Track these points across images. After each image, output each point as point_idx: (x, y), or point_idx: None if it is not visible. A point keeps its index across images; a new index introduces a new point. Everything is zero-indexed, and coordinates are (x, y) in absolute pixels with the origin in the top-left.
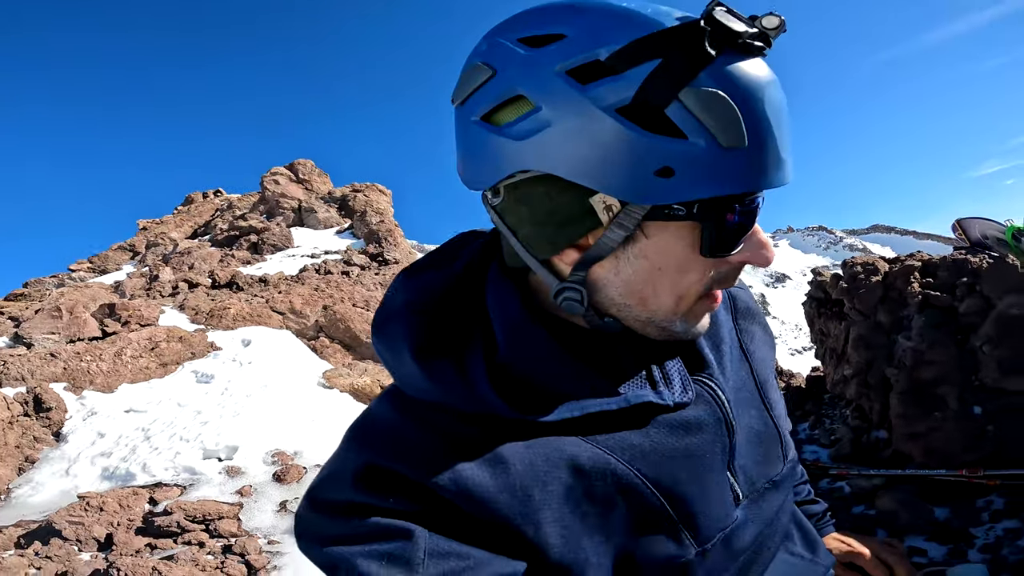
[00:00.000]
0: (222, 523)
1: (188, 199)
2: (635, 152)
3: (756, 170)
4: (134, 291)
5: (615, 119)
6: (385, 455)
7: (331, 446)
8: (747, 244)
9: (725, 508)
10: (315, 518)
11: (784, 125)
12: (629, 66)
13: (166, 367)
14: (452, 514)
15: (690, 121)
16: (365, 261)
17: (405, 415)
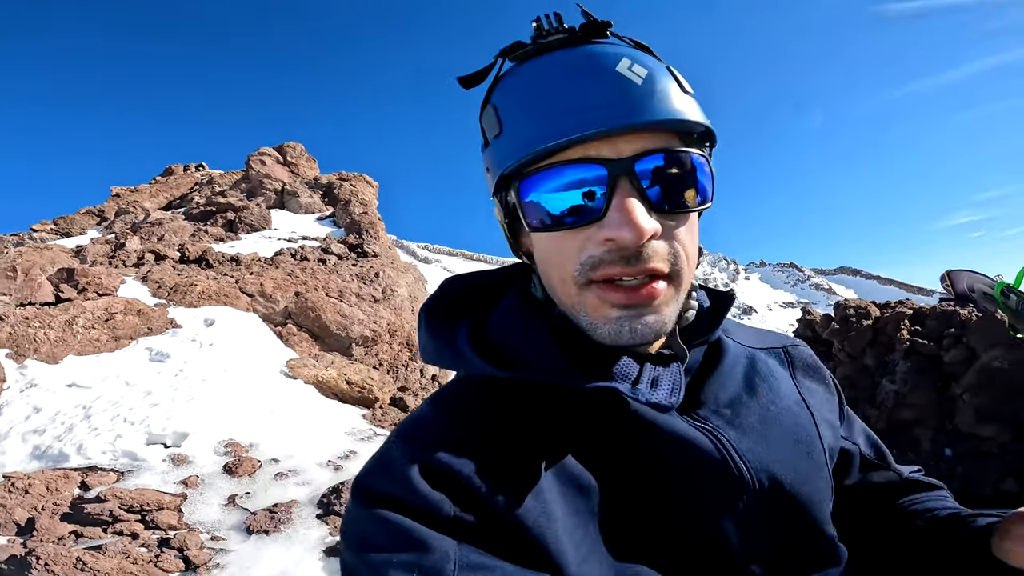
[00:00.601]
0: (161, 514)
1: (168, 170)
2: (483, 164)
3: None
4: (96, 258)
5: (481, 149)
6: (428, 454)
7: (291, 440)
8: (606, 218)
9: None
10: (361, 514)
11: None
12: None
13: (118, 341)
14: (485, 516)
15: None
16: (343, 251)
17: (449, 418)
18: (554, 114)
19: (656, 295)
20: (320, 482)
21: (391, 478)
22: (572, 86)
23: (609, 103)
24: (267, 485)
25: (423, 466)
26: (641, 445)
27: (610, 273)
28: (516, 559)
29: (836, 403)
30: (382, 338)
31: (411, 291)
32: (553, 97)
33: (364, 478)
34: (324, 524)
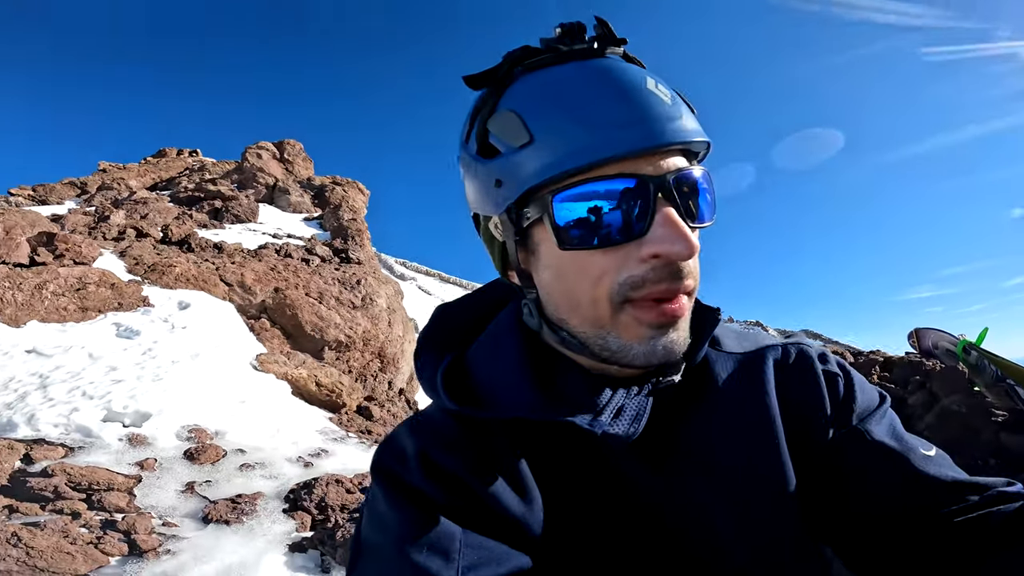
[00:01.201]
0: (110, 495)
1: (161, 152)
2: (482, 176)
3: (550, 157)
4: (76, 227)
5: (474, 159)
6: (435, 448)
7: (260, 432)
8: (649, 234)
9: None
10: (379, 494)
11: (578, 111)
12: (473, 122)
13: (86, 312)
14: (481, 509)
15: (498, 140)
16: (328, 254)
17: (453, 418)
18: (603, 124)
19: (683, 312)
20: (288, 476)
21: (404, 465)
22: (610, 99)
23: (650, 120)
24: (231, 475)
25: (431, 459)
26: (607, 478)
27: (655, 292)
28: (509, 543)
29: (831, 407)
30: (356, 345)
31: (390, 303)
32: (593, 108)
33: (384, 463)
34: (291, 519)
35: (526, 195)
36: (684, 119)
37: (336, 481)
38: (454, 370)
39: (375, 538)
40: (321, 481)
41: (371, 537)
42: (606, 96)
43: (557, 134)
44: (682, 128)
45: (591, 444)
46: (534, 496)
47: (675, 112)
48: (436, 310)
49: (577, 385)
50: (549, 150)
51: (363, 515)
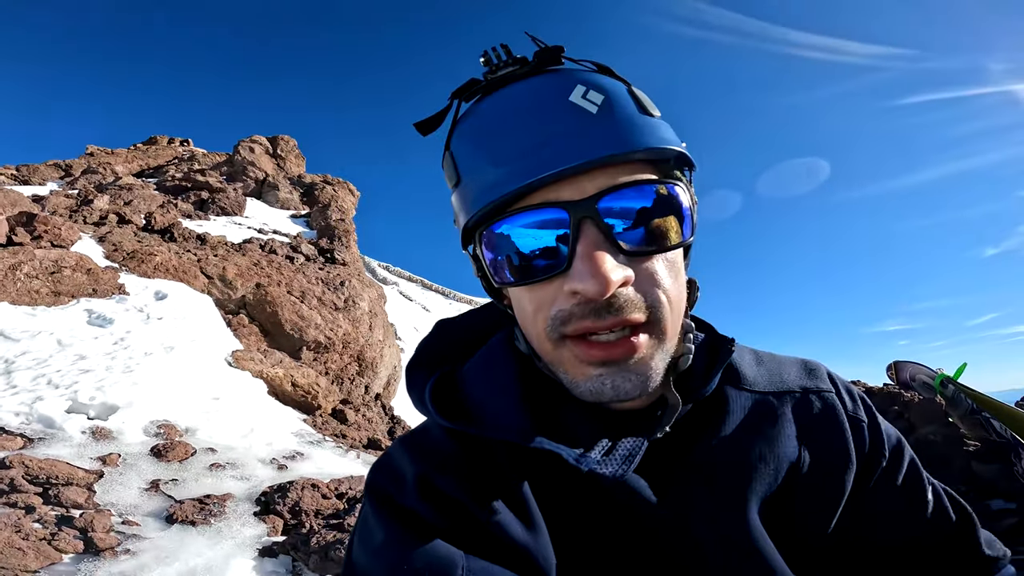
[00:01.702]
0: (68, 490)
1: (151, 139)
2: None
3: (471, 196)
4: (58, 209)
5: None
6: (435, 471)
7: (232, 431)
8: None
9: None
10: (376, 518)
11: (493, 145)
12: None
13: (58, 297)
14: (484, 535)
15: (446, 181)
16: (313, 253)
17: (452, 439)
18: (508, 158)
19: (636, 349)
20: (261, 478)
21: (402, 488)
22: (524, 124)
23: (563, 138)
24: (199, 475)
25: (431, 483)
26: (608, 508)
27: (581, 328)
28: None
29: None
30: (335, 347)
31: (372, 307)
32: (505, 139)
33: (378, 484)
34: (262, 522)
35: (469, 233)
36: (616, 128)
37: (312, 485)
38: (445, 387)
39: (368, 562)
40: (296, 485)
41: (363, 561)
42: (513, 125)
43: (475, 172)
44: (607, 139)
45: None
46: (538, 523)
47: (604, 121)
48: (435, 325)
49: (571, 415)
50: (471, 189)
51: (354, 537)
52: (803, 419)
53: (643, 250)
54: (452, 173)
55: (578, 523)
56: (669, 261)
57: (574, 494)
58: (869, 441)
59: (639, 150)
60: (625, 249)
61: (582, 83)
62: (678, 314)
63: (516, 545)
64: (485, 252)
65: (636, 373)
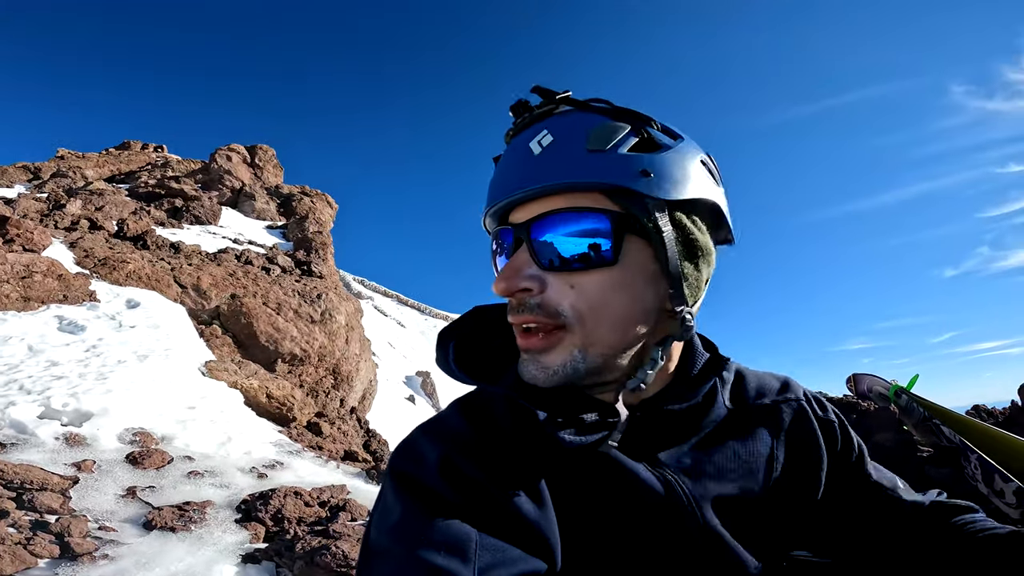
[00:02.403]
0: (43, 495)
1: (124, 144)
2: None
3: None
4: (28, 212)
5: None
6: (456, 452)
7: (210, 440)
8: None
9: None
10: (394, 498)
11: (493, 179)
12: None
13: (28, 303)
14: (498, 512)
15: None
16: (289, 265)
17: (470, 423)
18: (488, 194)
19: (535, 345)
20: (241, 486)
21: (423, 469)
22: (501, 167)
23: (509, 176)
24: (177, 482)
25: (448, 462)
26: (605, 479)
27: (509, 318)
28: (523, 547)
29: (821, 463)
30: (310, 360)
31: (349, 320)
32: (493, 179)
33: (400, 466)
34: (244, 529)
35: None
36: (548, 166)
37: (295, 493)
38: (470, 354)
39: (388, 541)
40: (278, 492)
41: (383, 540)
42: (497, 169)
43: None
44: (536, 175)
45: (598, 457)
46: (547, 503)
47: (542, 161)
48: (473, 308)
49: (581, 401)
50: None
51: (373, 520)
52: (778, 426)
53: (549, 268)
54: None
55: (581, 504)
56: (595, 280)
57: (579, 476)
58: (840, 440)
59: (554, 184)
60: (541, 264)
61: (550, 127)
62: (600, 330)
63: (528, 523)
64: (490, 253)
65: (542, 365)
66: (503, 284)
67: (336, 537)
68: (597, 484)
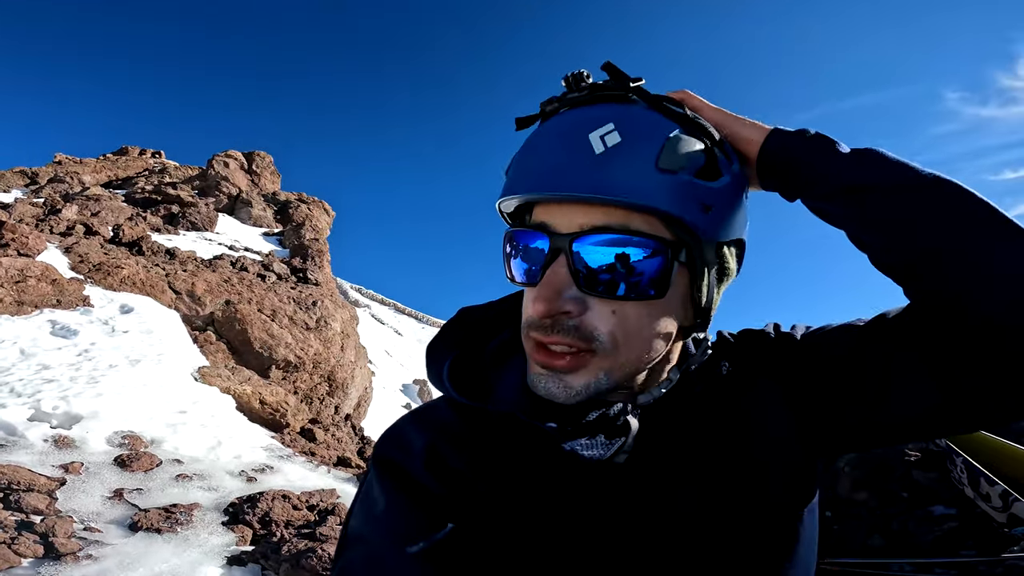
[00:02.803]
0: (29, 496)
1: (122, 149)
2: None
3: (505, 192)
4: (24, 217)
5: None
6: (442, 443)
7: (199, 444)
8: (536, 287)
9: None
10: (377, 484)
11: (527, 158)
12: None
13: (22, 307)
14: (480, 506)
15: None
16: (285, 272)
17: (458, 415)
18: (525, 171)
19: (571, 367)
20: (229, 490)
21: (408, 457)
22: (545, 148)
23: (561, 170)
24: (165, 485)
25: (433, 451)
26: (599, 487)
27: (532, 336)
28: (504, 534)
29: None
30: (305, 367)
31: (344, 328)
32: (533, 156)
33: (386, 453)
34: (231, 532)
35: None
36: (609, 172)
37: (283, 496)
38: (464, 365)
39: (366, 528)
40: (267, 496)
41: (361, 528)
42: (539, 148)
43: (513, 174)
44: (593, 180)
45: (600, 468)
46: (531, 498)
47: (603, 162)
48: (458, 311)
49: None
50: (506, 187)
51: (354, 507)
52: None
53: (593, 292)
54: (509, 166)
55: (567, 502)
56: (633, 309)
57: (567, 474)
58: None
59: (611, 200)
60: (581, 286)
61: (617, 121)
62: (630, 357)
63: (511, 518)
64: (504, 248)
65: (565, 385)
66: (544, 306)
67: (323, 540)
68: (593, 494)
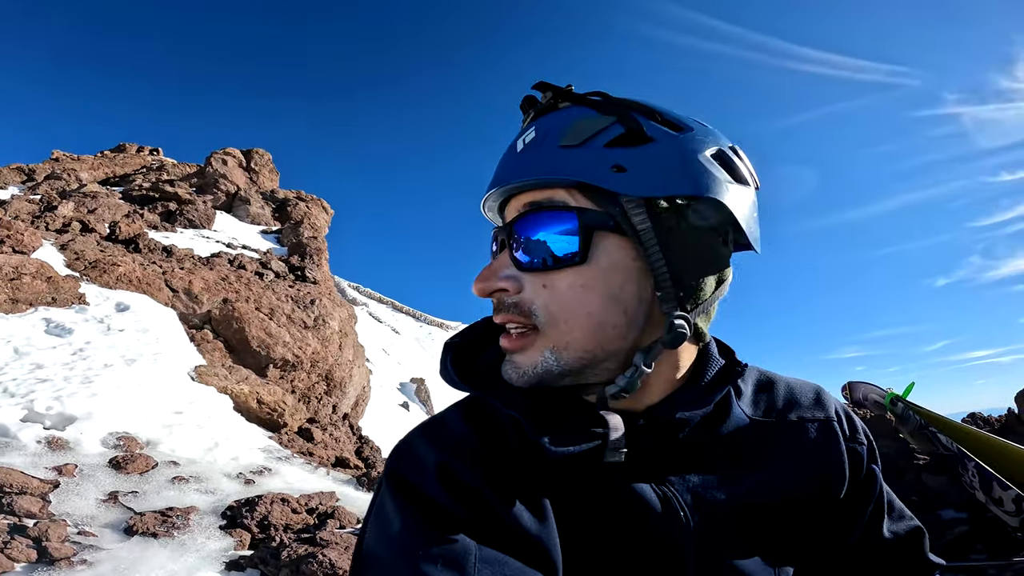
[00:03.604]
0: (22, 499)
1: (120, 147)
2: None
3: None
4: (20, 214)
5: None
6: (455, 459)
7: (196, 445)
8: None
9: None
10: (392, 503)
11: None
12: None
13: (16, 304)
14: (498, 524)
15: None
16: (283, 270)
17: (473, 427)
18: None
19: (510, 346)
20: (227, 492)
21: (422, 475)
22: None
23: (497, 171)
24: (161, 487)
25: (445, 469)
26: (603, 493)
27: (495, 319)
28: (523, 558)
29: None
30: (303, 366)
31: (343, 326)
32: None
33: (399, 471)
34: (228, 536)
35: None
36: (526, 162)
37: (282, 500)
38: (471, 360)
39: (383, 549)
40: (265, 499)
41: (378, 548)
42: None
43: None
44: (514, 172)
45: (601, 470)
46: (548, 514)
47: (523, 156)
48: (483, 319)
49: (569, 406)
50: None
51: (368, 525)
52: (803, 444)
53: (522, 268)
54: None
55: (582, 515)
56: (558, 279)
57: (579, 486)
58: (866, 467)
59: (523, 180)
60: (521, 264)
61: (538, 126)
62: (573, 333)
63: (528, 535)
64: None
65: (515, 366)
66: (478, 285)
67: (323, 545)
68: (595, 498)
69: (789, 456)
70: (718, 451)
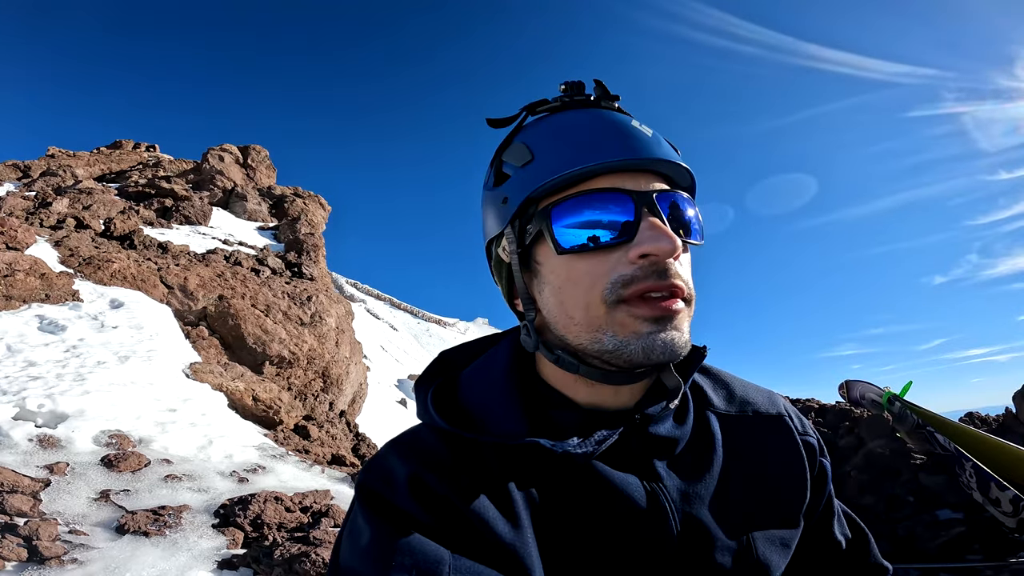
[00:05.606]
0: (12, 498)
1: (116, 143)
2: (493, 200)
3: (545, 169)
4: (14, 210)
5: (489, 190)
6: (425, 470)
7: (189, 443)
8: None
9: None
10: (363, 517)
11: (572, 137)
12: (494, 161)
13: (9, 301)
14: (471, 533)
15: (508, 166)
16: (280, 266)
17: (442, 442)
18: (585, 145)
19: (679, 310)
20: (220, 491)
21: (393, 488)
22: (598, 130)
23: (630, 142)
24: (153, 486)
25: (417, 480)
26: (587, 494)
27: (643, 288)
28: (498, 567)
29: (804, 482)
30: (299, 363)
31: (340, 323)
32: (583, 135)
33: (368, 484)
34: (221, 535)
35: (529, 211)
36: (663, 147)
37: (275, 498)
38: (445, 393)
39: (355, 562)
40: (258, 497)
41: (351, 561)
42: (595, 128)
43: (554, 153)
44: (661, 152)
45: (580, 474)
46: (524, 523)
47: (655, 141)
48: (439, 354)
49: (564, 416)
50: (546, 164)
51: (341, 540)
52: (761, 439)
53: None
54: (524, 154)
55: (563, 522)
56: (689, 258)
57: (561, 493)
58: (818, 464)
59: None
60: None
61: (633, 120)
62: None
63: (502, 544)
64: (552, 222)
65: (680, 335)
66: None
67: (317, 544)
68: (576, 495)
69: (755, 448)
70: (691, 442)
